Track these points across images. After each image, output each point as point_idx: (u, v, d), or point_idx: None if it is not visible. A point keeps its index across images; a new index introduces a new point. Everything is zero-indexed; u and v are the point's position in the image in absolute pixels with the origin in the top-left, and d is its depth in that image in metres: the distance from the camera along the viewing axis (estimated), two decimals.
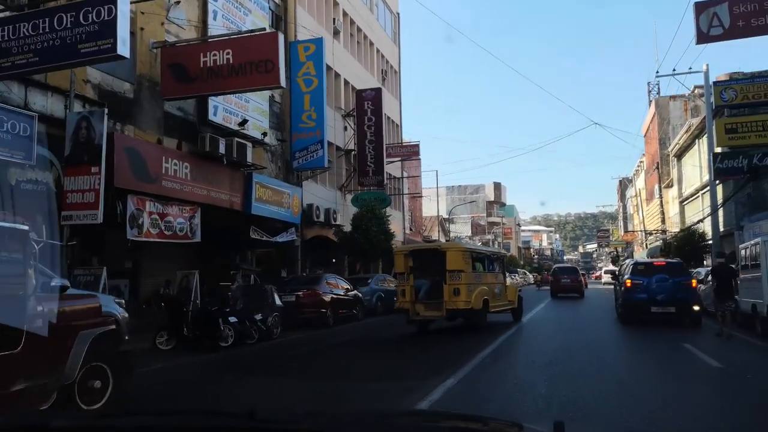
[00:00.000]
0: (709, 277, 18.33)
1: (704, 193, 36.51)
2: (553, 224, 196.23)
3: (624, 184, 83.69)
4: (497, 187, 79.26)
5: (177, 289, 15.84)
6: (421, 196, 45.35)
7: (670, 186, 49.59)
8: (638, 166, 66.27)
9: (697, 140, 37.81)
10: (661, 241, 47.21)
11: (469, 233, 69.93)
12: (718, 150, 24.70)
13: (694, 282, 15.99)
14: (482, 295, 14.65)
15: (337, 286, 18.56)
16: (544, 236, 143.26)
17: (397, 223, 34.14)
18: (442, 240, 54.53)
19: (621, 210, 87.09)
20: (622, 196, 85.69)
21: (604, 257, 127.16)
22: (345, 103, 27.59)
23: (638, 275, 16.09)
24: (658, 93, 58.22)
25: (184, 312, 12.28)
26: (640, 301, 15.69)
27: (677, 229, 45.46)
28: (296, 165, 21.90)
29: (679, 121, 53.65)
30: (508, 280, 19.61)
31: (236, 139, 17.44)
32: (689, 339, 13.10)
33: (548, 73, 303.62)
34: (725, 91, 22.47)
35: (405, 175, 36.59)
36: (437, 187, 50.65)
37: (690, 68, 28.38)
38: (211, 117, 16.97)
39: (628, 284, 16.07)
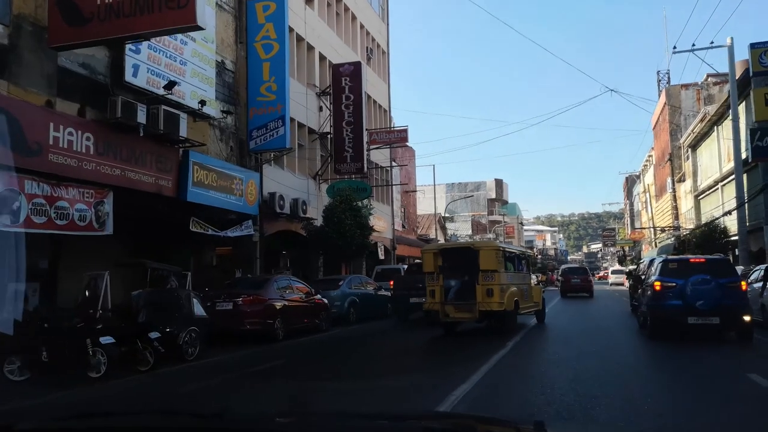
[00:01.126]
0: (756, 278, 14.79)
1: (725, 184, 32.76)
2: (556, 224, 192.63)
3: (631, 181, 79.87)
4: (499, 184, 75.41)
5: (81, 297, 12.20)
6: (414, 191, 41.64)
7: (682, 180, 45.79)
8: (646, 160, 62.44)
9: (716, 127, 34.04)
10: (673, 238, 43.38)
11: (470, 231, 66.17)
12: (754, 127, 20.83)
13: (743, 284, 12.23)
14: (513, 296, 13.86)
15: (292, 290, 14.90)
16: (548, 236, 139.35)
17: (384, 218, 30.45)
18: (441, 239, 50.89)
19: (628, 208, 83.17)
20: (629, 194, 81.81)
21: (609, 257, 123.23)
22: (320, 81, 23.95)
23: (670, 276, 12.35)
24: (668, 82, 54.46)
25: (45, 329, 8.66)
26: (674, 309, 11.96)
27: (692, 226, 41.68)
28: (253, 146, 18.25)
29: (691, 110, 49.86)
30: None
31: (164, 107, 13.82)
32: (752, 364, 9.41)
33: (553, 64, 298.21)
34: (765, 55, 18.72)
35: (394, 164, 32.88)
36: (434, 184, 46.88)
37: (712, 42, 24.55)
38: (129, 78, 13.34)
39: (657, 287, 12.33)
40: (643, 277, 19.42)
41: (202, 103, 15.01)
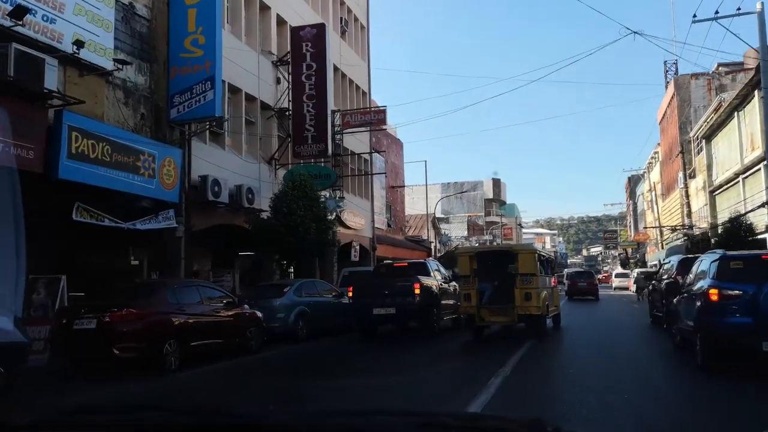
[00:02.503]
0: None
1: (747, 176, 28.67)
2: (556, 227, 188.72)
3: (634, 181, 75.74)
4: (497, 183, 71.19)
5: None
6: (402, 187, 37.56)
7: (692, 176, 41.69)
8: (652, 157, 58.32)
9: (736, 113, 29.95)
10: (686, 238, 39.26)
11: (465, 233, 62.03)
12: None
13: None
14: (545, 300, 13.52)
15: (202, 301, 10.79)
16: (548, 239, 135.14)
17: (361, 214, 26.35)
18: (434, 240, 46.82)
19: (631, 208, 78.96)
20: (632, 194, 77.64)
21: (610, 260, 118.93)
22: (278, 48, 19.90)
23: (733, 280, 8.25)
24: (676, 72, 50.41)
25: None
26: (740, 329, 7.87)
27: (705, 225, 37.56)
28: (174, 115, 14.19)
29: (701, 102, 45.79)
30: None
31: (17, 46, 9.80)
32: None
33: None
34: None
35: (377, 155, 28.79)
36: (426, 181, 42.71)
37: (738, 9, 20.48)
38: None
39: (714, 296, 8.20)
40: (666, 278, 15.37)
41: (78, 44, 10.90)
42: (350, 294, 14.40)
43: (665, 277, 15.64)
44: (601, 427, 5.75)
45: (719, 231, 30.23)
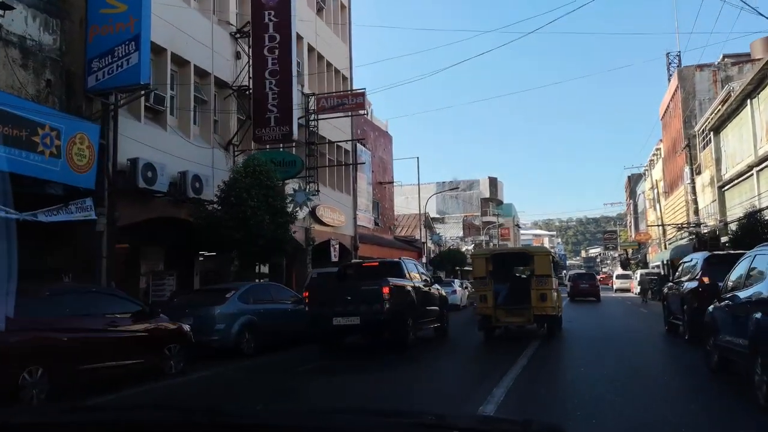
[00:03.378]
0: None
1: (762, 169, 26.13)
2: (554, 229, 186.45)
3: (634, 180, 73.20)
4: (493, 182, 68.52)
5: None
6: (391, 183, 34.98)
7: (698, 172, 39.13)
8: (654, 154, 55.76)
9: (749, 100, 27.40)
10: (692, 237, 36.64)
11: (460, 233, 59.43)
12: None
13: None
14: (557, 301, 13.64)
15: (90, 314, 8.16)
16: (546, 240, 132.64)
17: (341, 210, 23.78)
18: (428, 241, 44.24)
19: (631, 208, 76.37)
20: (632, 193, 75.08)
21: (609, 261, 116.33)
22: (238, 19, 17.33)
23: None
24: (679, 65, 47.85)
25: None
26: None
27: (713, 222, 35.00)
28: (93, 83, 11.60)
29: (707, 95, 43.21)
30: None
31: None
32: None
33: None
34: None
35: (363, 149, 26.22)
36: (419, 178, 40.04)
37: None
38: None
39: None
40: (687, 280, 12.80)
41: None
42: (306, 299, 11.78)
43: (685, 278, 13.05)
44: None
45: (733, 228, 27.68)
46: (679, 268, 14.31)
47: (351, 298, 11.29)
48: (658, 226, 45.29)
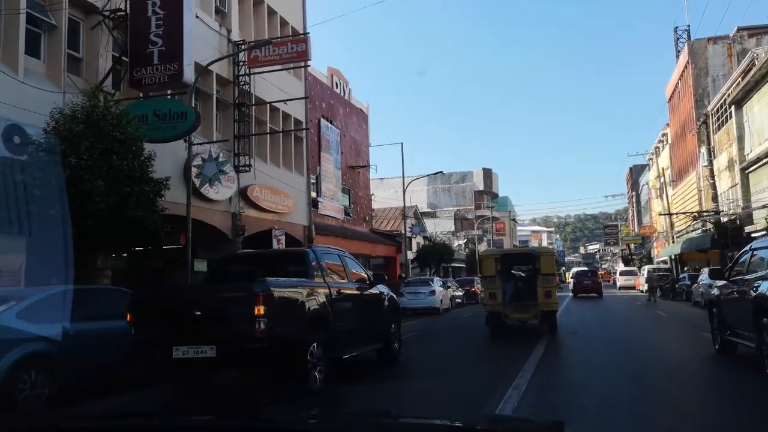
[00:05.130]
0: None
1: None
2: (552, 225, 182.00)
3: (636, 171, 68.32)
4: (487, 174, 63.48)
5: None
6: (365, 167, 30.11)
7: (713, 157, 34.18)
8: (660, 141, 50.85)
9: None
10: (710, 227, 31.72)
11: (452, 228, 54.49)
12: None
13: None
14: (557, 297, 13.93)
15: None
16: (544, 236, 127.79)
17: (290, 194, 18.89)
18: (416, 237, 39.43)
19: (633, 201, 71.45)
20: (634, 185, 70.18)
21: (609, 257, 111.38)
22: None
23: None
24: (688, 38, 42.91)
25: None
26: None
27: (729, 209, 30.13)
28: None
29: (721, 71, 38.28)
30: None
31: None
32: None
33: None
34: None
35: (326, 127, 21.32)
36: (403, 167, 34.97)
37: None
38: None
39: None
40: (753, 277, 8.01)
41: None
42: (129, 322, 6.87)
43: (754, 277, 8.18)
44: None
45: (765, 215, 22.89)
46: (741, 260, 9.37)
47: (202, 315, 6.46)
48: (668, 215, 40.29)
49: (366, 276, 9.68)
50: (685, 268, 40.43)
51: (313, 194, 24.24)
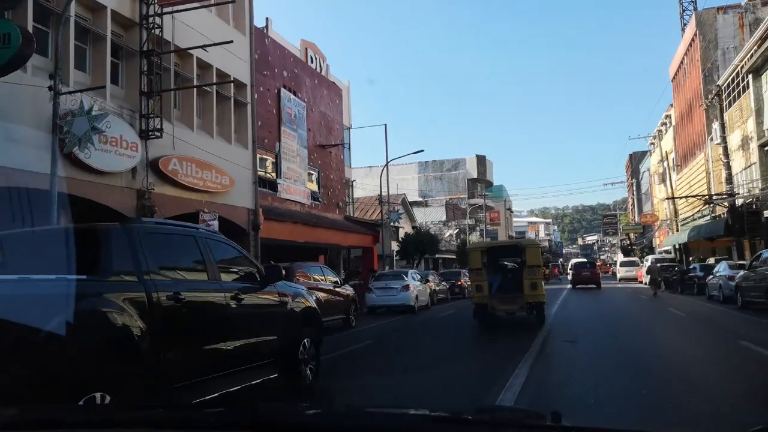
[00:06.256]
0: None
1: None
2: (550, 217, 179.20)
3: (636, 158, 64.88)
4: (481, 161, 59.88)
5: None
6: (339, 145, 26.65)
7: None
8: (662, 123, 47.36)
9: None
10: (722, 211, 28.26)
11: (443, 217, 51.01)
12: None
13: None
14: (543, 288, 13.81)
15: None
16: (541, 227, 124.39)
17: (223, 170, 15.41)
18: (396, 226, 36.04)
19: (633, 189, 67.99)
20: (634, 173, 66.73)
21: (608, 248, 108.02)
22: None
23: None
24: (695, 8, 39.37)
25: None
26: None
27: (747, 191, 26.67)
28: None
29: (731, 42, 34.73)
30: None
31: None
32: None
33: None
34: None
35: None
36: (386, 150, 31.33)
37: None
38: None
39: None
40: None
41: None
42: None
43: None
44: None
45: None
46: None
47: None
48: (676, 198, 36.85)
49: (254, 271, 6.26)
50: (690, 258, 37.19)
51: (272, 175, 20.81)
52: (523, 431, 1.62)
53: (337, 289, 13.93)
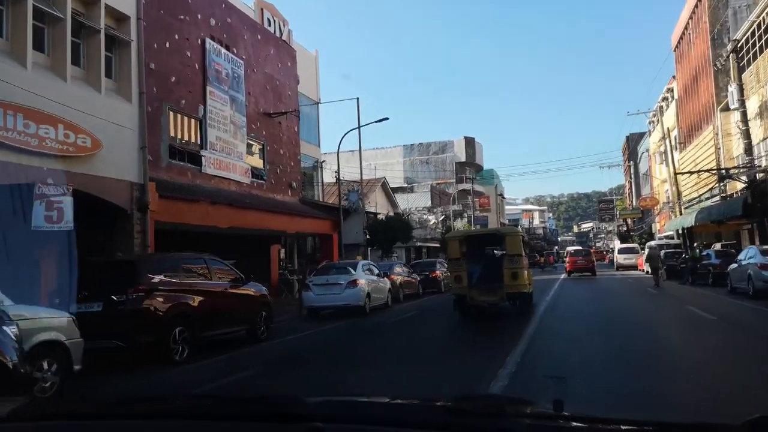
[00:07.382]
0: None
1: None
2: (545, 204, 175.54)
3: (633, 140, 60.64)
4: (470, 143, 55.51)
5: None
6: (289, 113, 22.36)
7: (726, 109, 26.51)
8: (663, 99, 43.09)
9: None
10: (740, 188, 24.05)
11: (428, 203, 46.80)
12: None
13: None
14: (528, 278, 13.31)
15: None
16: (536, 215, 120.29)
17: (87, 130, 11.11)
18: (384, 210, 31.84)
19: (631, 172, 63.79)
20: (632, 155, 62.50)
21: (604, 235, 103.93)
22: None
23: None
24: None
25: None
26: None
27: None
28: None
29: (743, 1, 30.56)
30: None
31: None
32: None
33: None
34: None
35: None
36: (359, 125, 26.80)
37: None
38: None
39: None
40: None
41: None
42: None
43: None
44: None
45: None
46: None
47: None
48: (683, 174, 32.76)
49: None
50: (695, 244, 33.21)
51: (195, 145, 16.60)
52: (531, 420, 1.53)
53: (231, 291, 9.71)
